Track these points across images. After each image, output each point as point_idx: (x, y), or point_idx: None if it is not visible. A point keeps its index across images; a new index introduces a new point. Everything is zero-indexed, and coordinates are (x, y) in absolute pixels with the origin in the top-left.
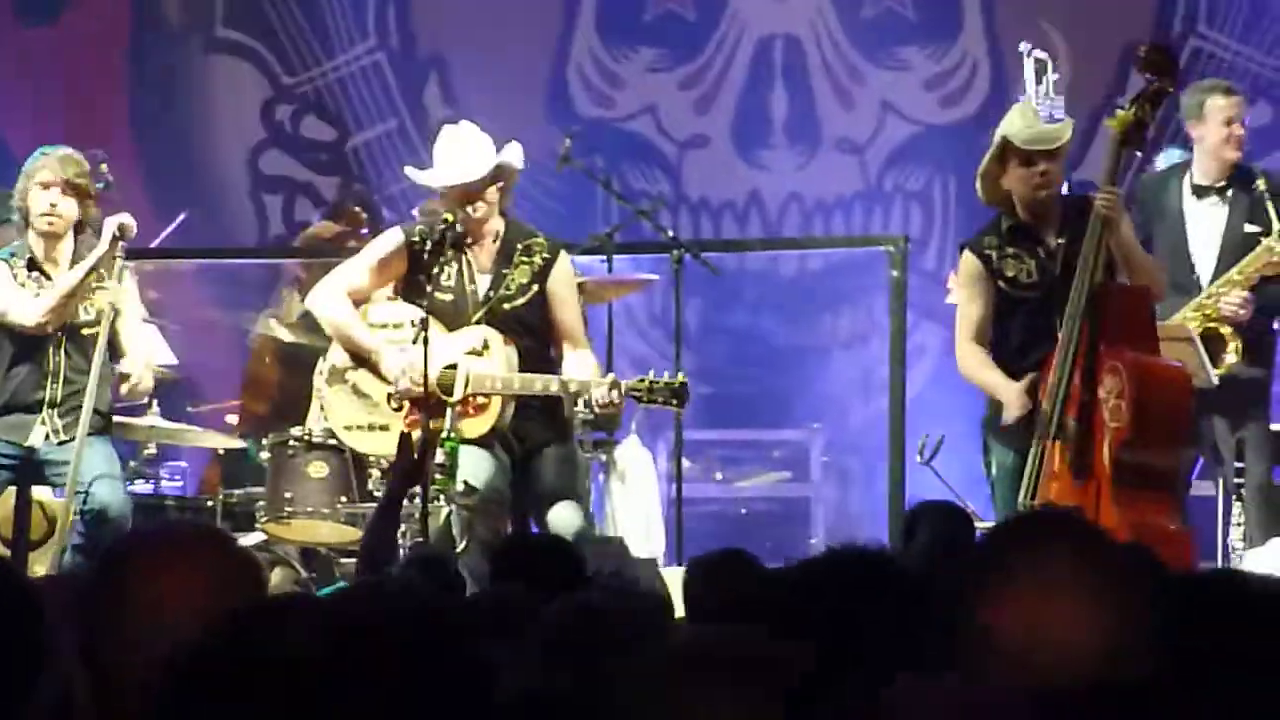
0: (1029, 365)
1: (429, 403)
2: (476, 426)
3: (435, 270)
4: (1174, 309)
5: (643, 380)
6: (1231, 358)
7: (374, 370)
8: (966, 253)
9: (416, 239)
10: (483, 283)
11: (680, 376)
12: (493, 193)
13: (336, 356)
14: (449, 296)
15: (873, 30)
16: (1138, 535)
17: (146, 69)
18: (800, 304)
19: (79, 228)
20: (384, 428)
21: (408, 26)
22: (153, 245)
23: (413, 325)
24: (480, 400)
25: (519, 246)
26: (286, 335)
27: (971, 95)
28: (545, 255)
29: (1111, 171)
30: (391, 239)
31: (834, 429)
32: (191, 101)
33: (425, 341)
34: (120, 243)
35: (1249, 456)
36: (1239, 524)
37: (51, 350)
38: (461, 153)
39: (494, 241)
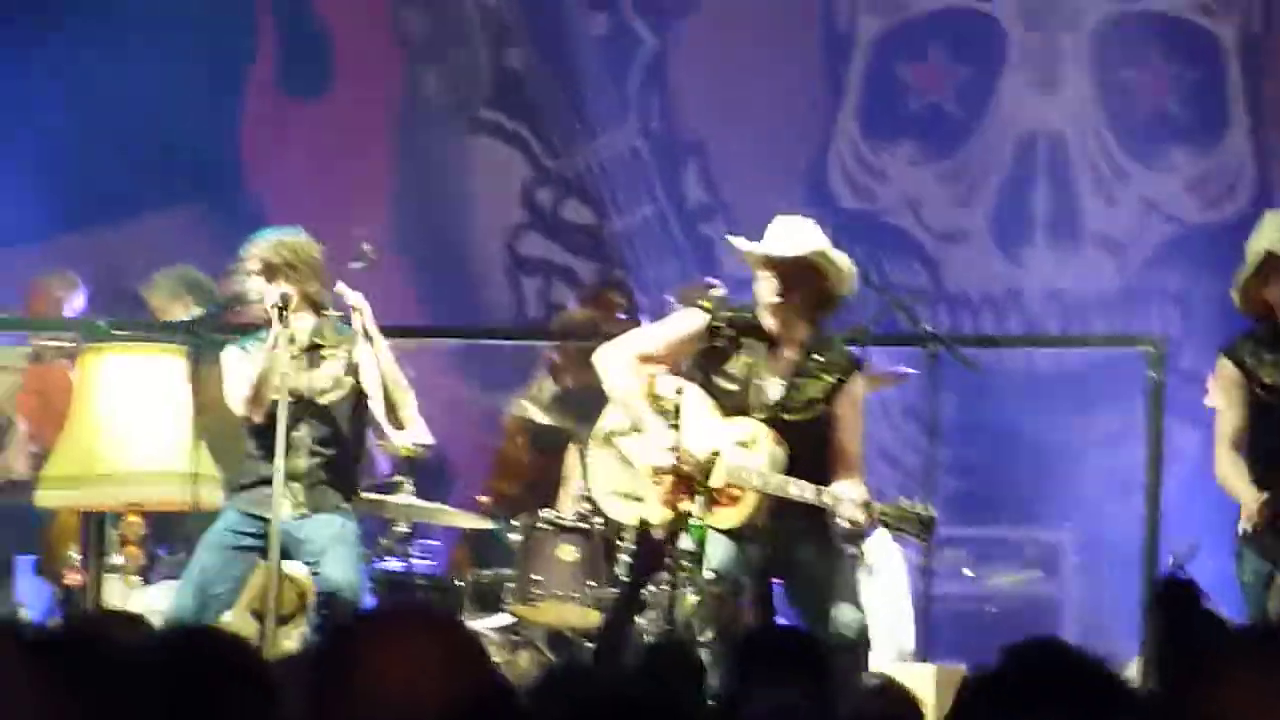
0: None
1: (686, 484)
2: (727, 518)
3: (728, 358)
4: None
5: (896, 507)
6: None
7: (641, 439)
8: (1223, 358)
9: (720, 323)
10: (771, 386)
11: (930, 509)
12: (810, 294)
13: (609, 421)
14: (734, 387)
15: (1138, 128)
16: None
17: (407, 147)
18: (1057, 402)
19: (316, 308)
20: (640, 499)
21: (669, 111)
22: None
23: (677, 393)
24: (734, 492)
25: (817, 359)
26: (540, 417)
27: (1235, 196)
28: (840, 375)
29: None
30: (695, 319)
31: (1087, 529)
32: (450, 181)
33: (676, 414)
34: (285, 313)
35: None
36: None
37: (291, 423)
38: (791, 230)
39: (795, 349)
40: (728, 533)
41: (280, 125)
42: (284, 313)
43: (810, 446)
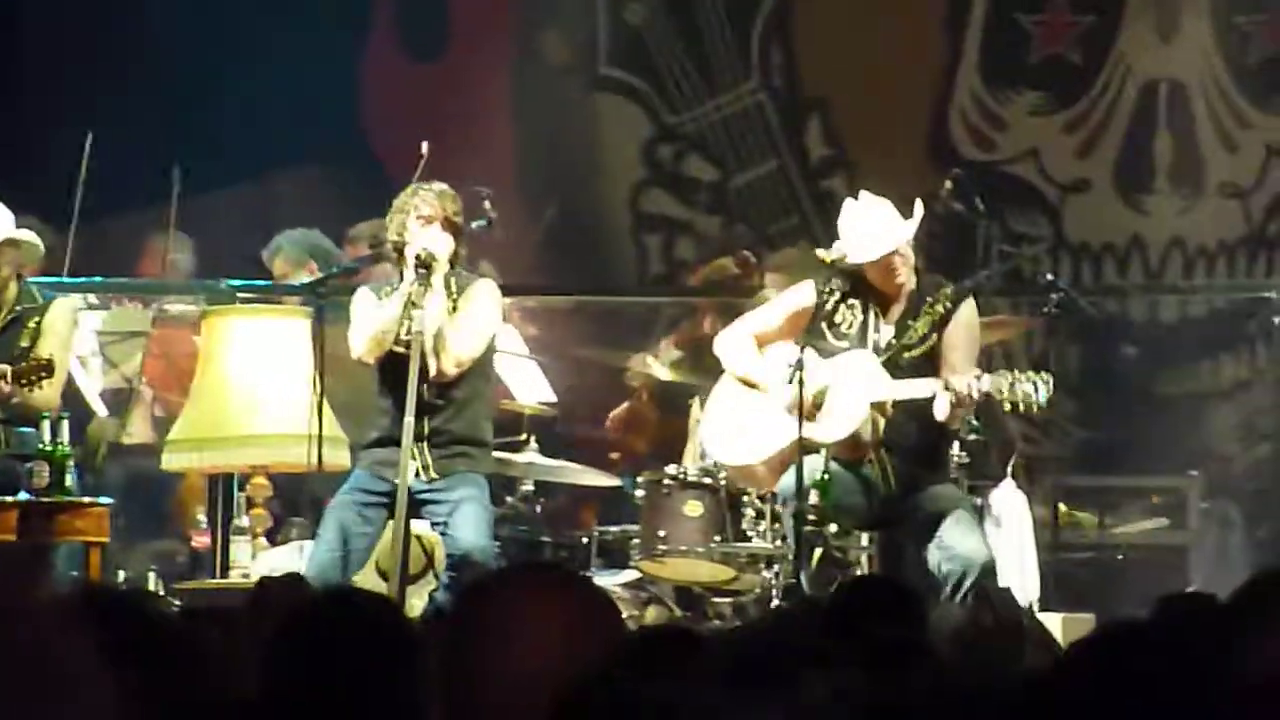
0: None
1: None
2: (839, 428)
3: (838, 319)
4: None
5: (1008, 375)
6: None
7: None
8: None
9: (826, 290)
10: (886, 333)
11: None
12: (907, 255)
13: (723, 388)
14: (846, 344)
15: (1259, 75)
16: None
17: (528, 107)
18: (1181, 350)
19: (453, 261)
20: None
21: (791, 67)
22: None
23: (789, 367)
24: (843, 408)
25: (927, 299)
26: (664, 374)
27: None
28: (948, 304)
29: None
30: (805, 293)
31: (1214, 476)
32: (574, 139)
33: (800, 382)
34: (423, 270)
35: None
36: None
37: (415, 382)
38: (877, 222)
39: (905, 298)
40: (849, 465)
41: (401, 88)
42: (429, 267)
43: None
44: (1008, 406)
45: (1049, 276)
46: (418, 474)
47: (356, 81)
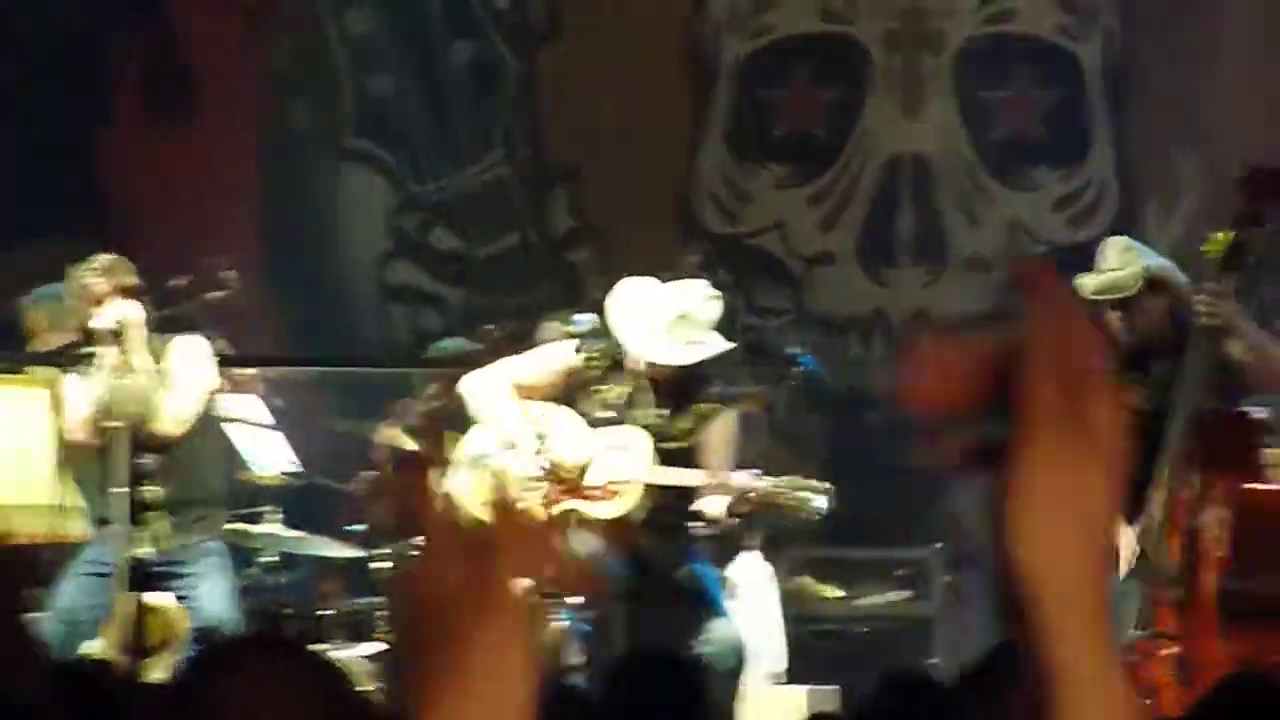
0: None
1: (564, 487)
2: (609, 510)
3: (604, 389)
4: None
5: (789, 480)
6: None
7: (513, 455)
8: None
9: (587, 364)
10: (653, 414)
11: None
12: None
13: (474, 445)
14: (612, 414)
15: (1003, 150)
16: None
17: (275, 177)
18: (925, 422)
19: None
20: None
21: (537, 138)
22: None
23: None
24: (612, 489)
25: (691, 391)
26: (409, 444)
27: (1099, 216)
28: (711, 406)
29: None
30: (566, 352)
31: (957, 548)
32: (320, 209)
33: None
34: (116, 341)
35: None
36: None
37: (135, 451)
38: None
39: (668, 380)
40: (614, 540)
41: (145, 155)
42: (121, 336)
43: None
44: (783, 508)
45: (792, 349)
46: (154, 545)
47: (100, 146)
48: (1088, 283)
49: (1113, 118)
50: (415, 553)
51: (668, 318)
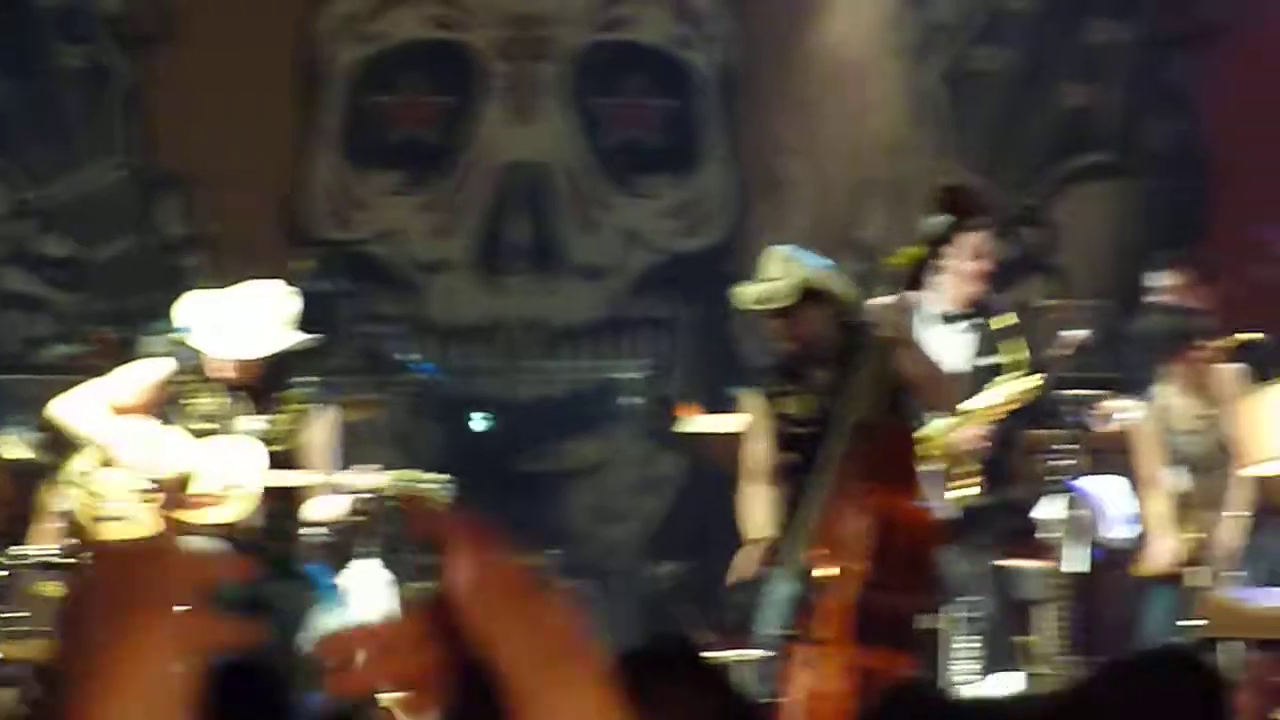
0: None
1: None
2: (220, 515)
3: (199, 401)
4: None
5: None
6: (972, 491)
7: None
8: (747, 391)
9: (180, 375)
10: (245, 421)
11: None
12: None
13: (80, 463)
14: (212, 425)
15: (617, 158)
16: (869, 679)
17: None
18: (541, 429)
19: None
20: (127, 518)
21: (149, 143)
22: None
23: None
24: (221, 494)
25: (282, 394)
26: (19, 453)
27: (714, 225)
28: (308, 402)
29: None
30: (161, 367)
31: (573, 555)
32: None
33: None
34: None
35: (978, 588)
36: (964, 658)
37: None
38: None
39: (258, 383)
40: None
41: None
42: None
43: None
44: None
45: (407, 356)
46: None
47: None
48: (748, 292)
49: (726, 126)
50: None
51: (235, 317)
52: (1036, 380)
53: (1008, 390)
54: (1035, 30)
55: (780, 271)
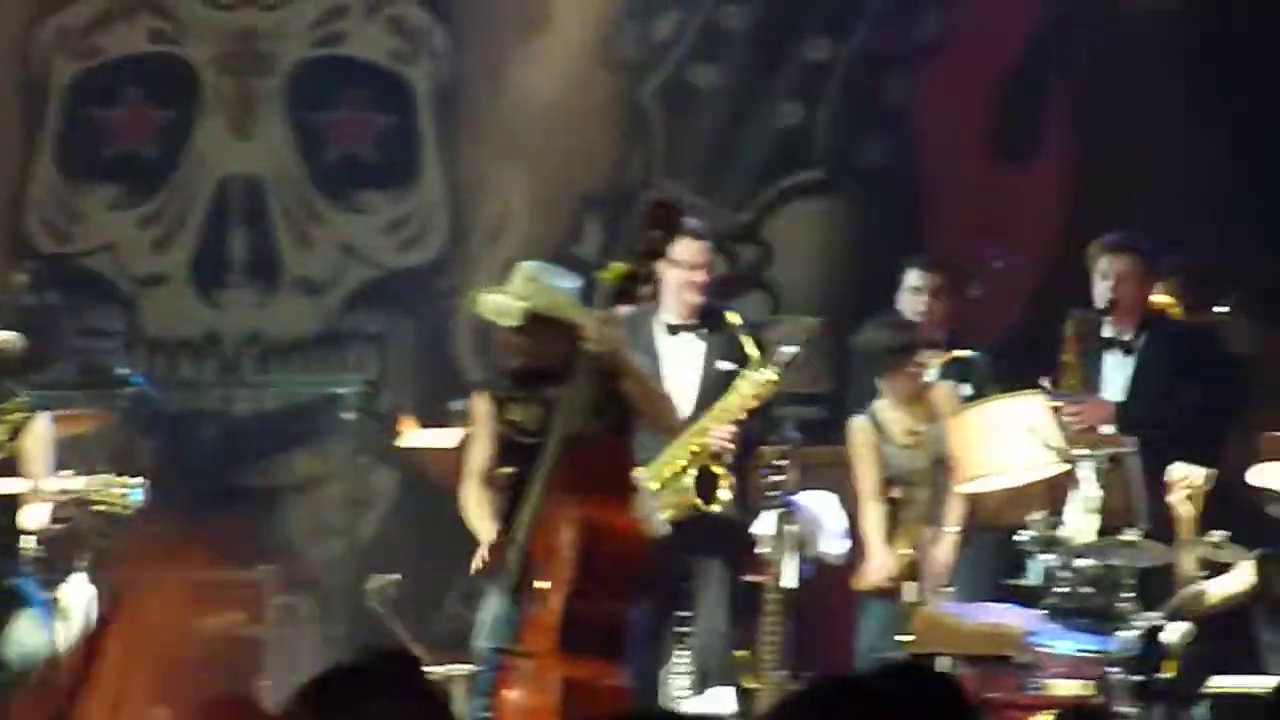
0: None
1: None
2: None
3: None
4: (653, 447)
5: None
6: (726, 494)
7: None
8: (476, 395)
9: None
10: None
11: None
12: None
13: None
14: None
15: (334, 172)
16: (576, 690)
17: None
18: (257, 443)
19: None
20: None
21: None
22: None
23: None
24: None
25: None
26: None
27: (429, 240)
28: (24, 412)
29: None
30: None
31: (288, 570)
32: None
33: None
34: None
35: (693, 602)
36: (683, 671)
37: None
38: None
39: None
40: None
41: None
42: None
43: None
44: (101, 507)
45: (124, 370)
46: None
47: None
48: (486, 301)
49: (443, 141)
50: None
51: None
52: (771, 375)
53: (744, 388)
54: (751, 48)
55: (522, 289)
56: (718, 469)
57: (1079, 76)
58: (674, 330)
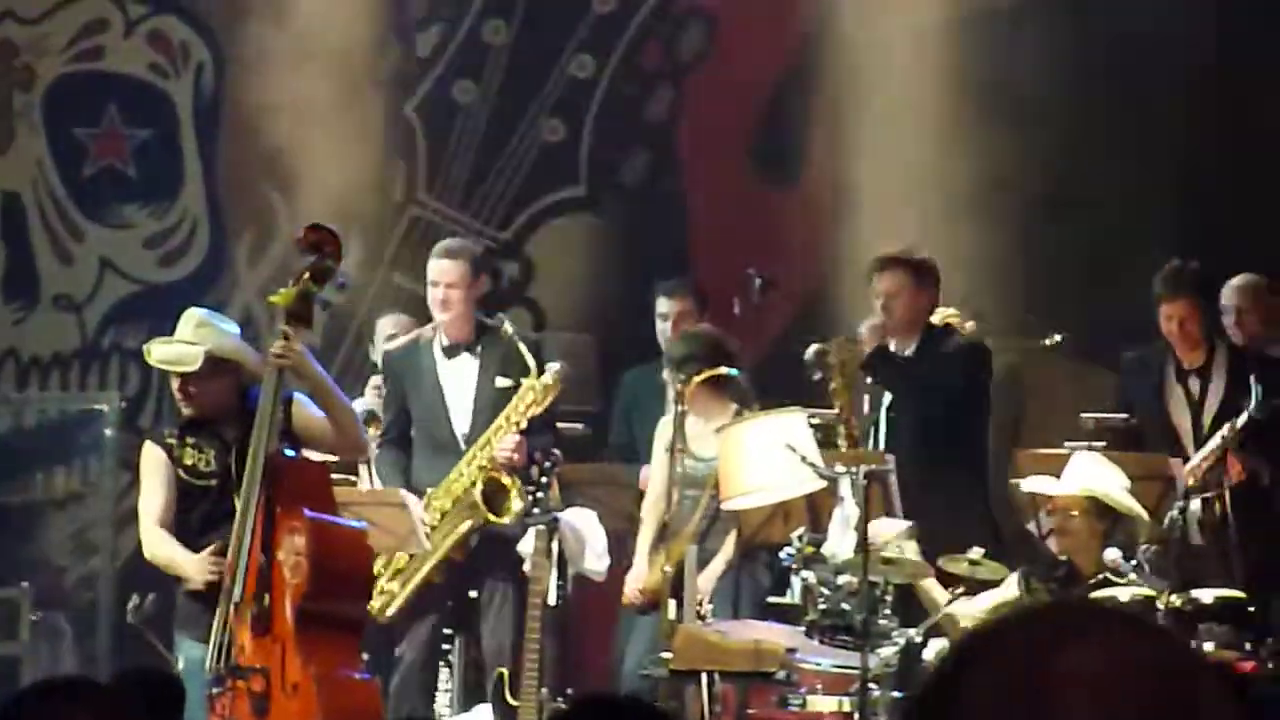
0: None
1: None
2: None
3: None
4: (440, 467)
5: None
6: (518, 504)
7: None
8: (149, 443)
9: None
10: None
11: None
12: None
13: None
14: None
15: (94, 187)
16: (324, 684)
17: None
18: (15, 461)
19: None
20: None
21: None
22: None
23: None
24: None
25: None
26: None
27: (191, 255)
28: None
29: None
30: None
31: (45, 587)
32: None
33: None
34: None
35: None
36: (443, 690)
37: None
38: None
39: None
40: None
41: None
42: None
43: None
44: None
45: None
46: None
47: None
48: (156, 351)
49: (204, 156)
50: None
51: None
52: (549, 379)
53: (525, 395)
54: (513, 64)
55: (191, 335)
56: (506, 480)
57: (838, 95)
58: (450, 352)
